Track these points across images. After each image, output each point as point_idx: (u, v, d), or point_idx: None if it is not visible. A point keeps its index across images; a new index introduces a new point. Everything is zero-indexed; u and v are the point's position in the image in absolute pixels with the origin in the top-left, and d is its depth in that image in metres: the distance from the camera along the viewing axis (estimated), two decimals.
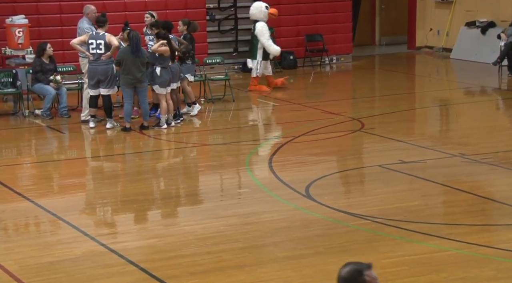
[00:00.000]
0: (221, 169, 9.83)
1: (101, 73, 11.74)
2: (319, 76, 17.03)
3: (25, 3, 15.09)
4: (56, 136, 11.91)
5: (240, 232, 7.37)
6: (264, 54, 14.64)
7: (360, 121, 12.15)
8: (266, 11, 14.67)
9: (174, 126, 11.95)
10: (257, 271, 6.46)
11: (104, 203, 8.51)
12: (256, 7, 14.73)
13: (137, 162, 10.39)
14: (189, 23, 12.60)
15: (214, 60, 14.70)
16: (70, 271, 6.50)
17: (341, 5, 17.95)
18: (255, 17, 14.74)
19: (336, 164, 10.04)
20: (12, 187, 8.95)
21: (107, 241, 7.17)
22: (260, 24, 14.57)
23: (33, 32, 14.29)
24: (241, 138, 11.61)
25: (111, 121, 11.87)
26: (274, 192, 8.59)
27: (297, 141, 11.00)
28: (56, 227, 7.69)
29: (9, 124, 12.48)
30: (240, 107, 13.66)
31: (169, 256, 6.81)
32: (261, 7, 14.66)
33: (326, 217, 7.75)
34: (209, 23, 16.85)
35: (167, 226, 7.70)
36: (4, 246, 7.09)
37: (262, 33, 14.48)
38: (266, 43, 14.49)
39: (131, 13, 15.47)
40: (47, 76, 12.61)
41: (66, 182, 9.35)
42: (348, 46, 18.21)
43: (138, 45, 11.47)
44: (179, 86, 12.42)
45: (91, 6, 12.63)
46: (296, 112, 13.06)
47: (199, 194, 8.96)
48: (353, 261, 3.48)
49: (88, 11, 12.45)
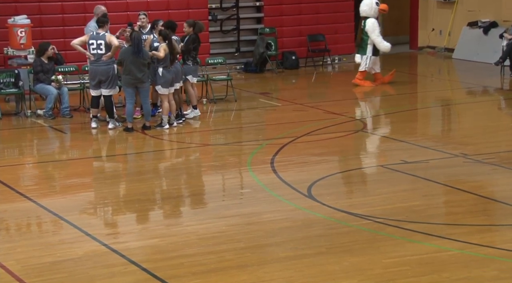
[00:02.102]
0: (223, 169, 9.83)
1: (102, 74, 11.75)
2: (321, 76, 17.02)
3: (27, 3, 15.10)
4: (58, 137, 11.92)
5: (242, 232, 7.37)
6: (374, 50, 15.03)
7: (362, 122, 12.15)
8: (377, 7, 15.01)
9: (176, 127, 11.96)
10: (259, 271, 6.46)
11: (106, 203, 8.51)
12: (366, 3, 15.03)
13: (139, 162, 10.39)
14: (195, 24, 12.57)
15: (216, 61, 14.71)
16: (72, 271, 6.51)
17: (343, 5, 17.94)
18: (365, 13, 15.08)
19: (338, 164, 10.03)
20: (14, 187, 8.96)
21: (109, 241, 7.18)
22: (371, 21, 14.94)
23: (35, 33, 14.31)
24: (243, 138, 11.61)
25: (113, 121, 11.88)
26: (276, 192, 8.59)
27: (299, 141, 10.99)
28: (58, 227, 7.70)
29: (11, 124, 12.49)
30: (242, 108, 13.66)
31: (171, 256, 6.81)
32: (372, 4, 14.97)
33: (328, 217, 7.75)
34: (211, 23, 16.86)
35: (169, 226, 7.70)
36: (6, 246, 7.09)
37: (373, 29, 14.87)
38: (376, 39, 14.90)
39: (133, 13, 15.47)
40: (48, 76, 12.61)
41: (68, 182, 9.36)
42: (350, 46, 18.21)
43: (140, 45, 11.48)
44: (181, 87, 12.42)
45: (102, 6, 12.64)
46: (298, 112, 13.06)
47: (201, 194, 8.96)
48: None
49: (98, 12, 12.45)
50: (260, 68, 16.94)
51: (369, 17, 14.99)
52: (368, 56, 15.02)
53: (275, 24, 17.29)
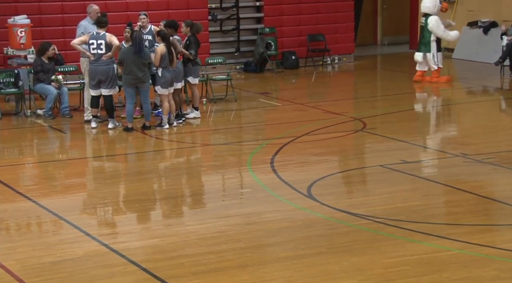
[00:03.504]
0: (223, 168, 9.83)
1: (102, 74, 11.75)
2: (321, 76, 17.02)
3: (27, 3, 15.10)
4: (58, 137, 11.92)
5: (242, 232, 7.37)
6: (437, 46, 15.29)
7: (362, 121, 12.15)
8: (440, 5, 15.28)
9: (176, 127, 11.96)
10: (259, 271, 6.46)
11: (105, 203, 8.51)
12: (430, 0, 15.22)
13: (139, 162, 10.39)
14: (192, 25, 12.53)
15: (216, 60, 14.71)
16: (72, 271, 6.51)
17: (343, 5, 17.94)
18: (428, 10, 15.29)
19: (338, 164, 10.03)
20: (14, 187, 8.96)
21: (109, 241, 7.18)
22: (434, 18, 15.19)
23: (35, 32, 14.31)
24: (243, 138, 11.61)
25: (112, 121, 11.88)
26: (276, 192, 8.59)
27: (299, 141, 10.99)
28: (58, 227, 7.70)
29: (11, 124, 12.49)
30: (242, 107, 13.66)
31: (171, 256, 6.81)
32: (435, 1, 15.19)
33: (328, 217, 7.75)
34: (211, 23, 16.86)
35: (169, 226, 7.70)
36: (6, 246, 7.09)
37: (437, 27, 15.13)
38: (443, 35, 15.28)
39: (133, 13, 15.47)
40: (48, 76, 12.61)
41: (68, 182, 9.35)
42: (350, 46, 18.21)
43: (141, 45, 11.48)
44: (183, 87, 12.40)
45: (94, 5, 12.64)
46: (298, 112, 13.06)
47: (201, 194, 8.96)
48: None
49: (91, 11, 12.48)
50: (260, 68, 16.94)
51: (430, 15, 15.19)
52: (434, 54, 15.22)
53: (275, 24, 17.29)
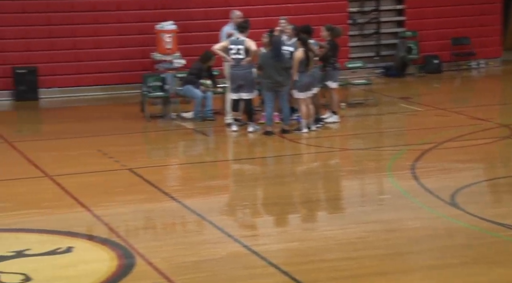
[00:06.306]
0: (361, 174, 9.73)
1: (242, 78, 11.98)
2: (466, 80, 16.46)
3: (174, 9, 15.67)
4: (201, 139, 12.27)
5: (382, 239, 7.26)
6: None
7: (509, 128, 11.62)
8: None
9: (315, 131, 11.97)
10: (400, 280, 6.34)
11: (245, 205, 8.66)
12: None
13: (278, 165, 10.50)
14: (332, 29, 12.53)
15: (356, 65, 14.59)
16: (214, 271, 6.66)
17: (489, 8, 17.25)
18: None
19: (483, 172, 9.65)
20: (160, 187, 9.31)
21: (249, 242, 7.29)
22: None
23: (180, 38, 14.81)
24: (383, 143, 11.44)
25: (252, 125, 12.08)
26: (416, 199, 8.39)
27: (441, 147, 10.68)
28: (201, 227, 7.92)
29: (158, 126, 13.00)
30: (382, 112, 13.46)
31: (309, 260, 6.82)
32: None
33: (472, 226, 7.47)
34: (351, 27, 16.76)
35: (307, 230, 7.72)
36: (152, 244, 7.38)
37: None
38: None
39: (273, 19, 15.65)
40: (199, 80, 13.03)
41: (210, 184, 9.60)
42: (497, 49, 17.47)
43: (279, 49, 11.60)
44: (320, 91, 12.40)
45: (237, 11, 13.00)
46: (440, 117, 12.69)
47: (340, 199, 8.92)
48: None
49: (234, 16, 12.85)
50: (401, 72, 16.64)
51: None
52: None
53: (416, 28, 16.91)
